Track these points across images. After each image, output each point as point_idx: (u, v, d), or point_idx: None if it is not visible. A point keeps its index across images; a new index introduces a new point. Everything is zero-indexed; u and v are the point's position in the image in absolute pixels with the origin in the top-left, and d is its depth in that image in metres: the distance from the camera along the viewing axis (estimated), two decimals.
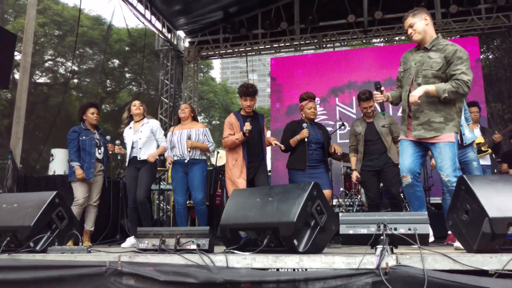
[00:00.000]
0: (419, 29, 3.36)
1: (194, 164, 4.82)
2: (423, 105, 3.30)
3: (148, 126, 5.06)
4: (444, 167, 3.24)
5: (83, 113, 5.12)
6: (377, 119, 4.94)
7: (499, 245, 2.29)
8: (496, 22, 8.88)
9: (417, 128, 3.35)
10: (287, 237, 2.49)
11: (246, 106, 4.63)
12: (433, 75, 3.26)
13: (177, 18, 9.89)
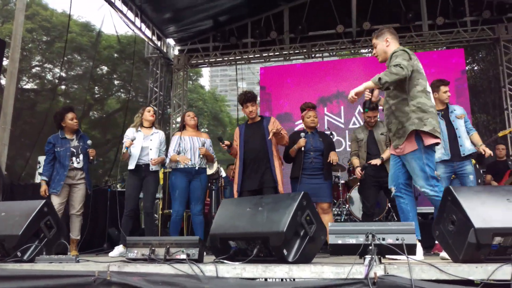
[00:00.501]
0: (379, 51, 3.49)
1: (200, 174, 4.84)
2: (390, 116, 3.40)
3: (158, 137, 5.04)
4: (416, 180, 3.31)
5: (61, 119, 4.94)
6: (376, 127, 5.04)
7: (484, 255, 2.33)
8: (481, 34, 9.08)
9: (392, 139, 3.45)
10: (277, 246, 2.50)
11: (249, 112, 4.66)
12: (393, 87, 3.33)
13: (167, 26, 9.92)
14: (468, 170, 4.59)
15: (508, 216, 2.34)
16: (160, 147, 5.04)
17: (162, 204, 6.47)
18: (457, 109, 4.76)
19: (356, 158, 5.14)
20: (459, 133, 4.61)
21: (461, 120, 4.68)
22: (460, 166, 4.60)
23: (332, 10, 9.41)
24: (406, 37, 9.35)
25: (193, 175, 4.81)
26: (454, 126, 4.64)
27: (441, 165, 4.63)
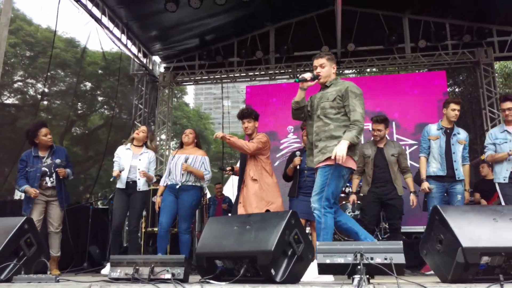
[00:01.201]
0: (326, 72, 3.59)
1: (186, 191, 4.76)
2: (321, 134, 3.51)
3: (147, 156, 4.99)
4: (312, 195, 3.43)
5: (34, 136, 4.73)
6: (387, 146, 5.06)
7: (472, 275, 2.33)
8: (462, 57, 9.31)
9: (316, 155, 3.52)
10: (264, 266, 2.46)
11: (244, 128, 4.66)
12: (330, 106, 3.49)
13: (153, 43, 9.93)
14: (458, 190, 4.67)
15: (495, 235, 2.36)
16: (149, 167, 4.98)
17: (145, 222, 6.36)
18: (461, 134, 4.83)
19: (357, 178, 5.15)
20: (456, 158, 4.69)
21: (461, 146, 4.76)
22: (452, 186, 4.70)
23: (317, 31, 9.55)
24: (390, 58, 9.53)
25: (178, 191, 4.76)
26: (452, 149, 4.72)
27: (434, 183, 4.69)
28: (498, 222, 2.45)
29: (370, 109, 8.89)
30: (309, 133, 3.70)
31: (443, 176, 4.69)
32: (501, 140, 4.57)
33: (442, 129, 4.81)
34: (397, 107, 9.00)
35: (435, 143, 4.79)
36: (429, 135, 4.86)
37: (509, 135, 4.54)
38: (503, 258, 2.34)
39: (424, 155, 4.86)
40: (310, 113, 3.70)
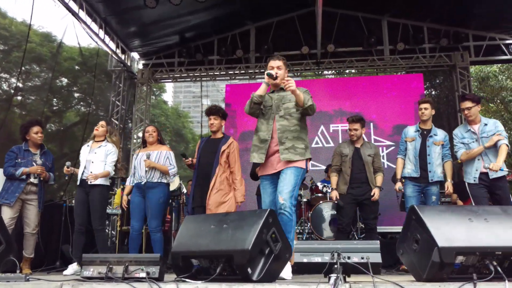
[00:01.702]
0: (282, 75, 3.70)
1: (152, 188, 4.68)
2: (287, 133, 3.60)
3: (104, 150, 4.85)
4: (284, 191, 3.44)
5: (26, 132, 4.79)
6: (364, 147, 5.11)
7: (447, 274, 2.35)
8: (439, 61, 9.47)
9: (284, 152, 3.56)
10: (241, 265, 2.43)
11: (209, 124, 4.72)
12: (293, 106, 3.66)
13: (132, 39, 9.77)
14: (432, 192, 4.75)
15: (470, 235, 2.39)
16: (106, 160, 4.82)
17: (120, 220, 6.25)
18: (438, 135, 4.89)
19: (335, 176, 5.17)
20: (430, 160, 4.76)
21: (437, 147, 4.81)
22: (427, 187, 4.78)
23: (297, 32, 9.57)
24: (368, 60, 9.62)
25: (144, 190, 4.67)
26: (428, 151, 4.79)
27: (410, 184, 4.76)
28: (473, 222, 2.48)
29: (349, 110, 8.97)
30: (259, 130, 3.74)
31: (418, 177, 4.77)
32: (468, 139, 4.51)
33: (419, 131, 4.89)
34: (375, 108, 9.09)
35: (411, 145, 4.88)
36: (406, 137, 4.95)
37: (474, 134, 4.49)
38: (477, 257, 2.37)
39: (401, 157, 4.97)
40: (264, 112, 3.75)
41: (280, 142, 3.60)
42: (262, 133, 3.71)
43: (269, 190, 3.66)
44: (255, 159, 3.71)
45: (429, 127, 4.90)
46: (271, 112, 3.71)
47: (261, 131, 3.73)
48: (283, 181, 3.50)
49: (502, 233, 2.43)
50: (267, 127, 3.69)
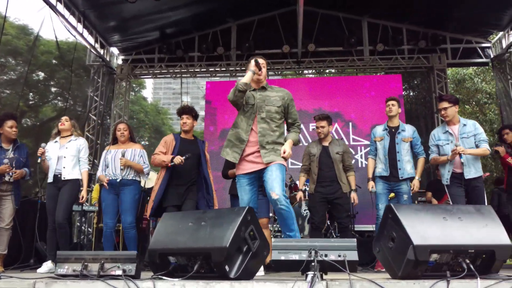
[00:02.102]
0: (264, 73, 3.72)
1: (126, 185, 4.65)
2: (267, 137, 3.58)
3: (75, 144, 4.82)
4: (276, 186, 3.41)
5: (0, 126, 4.68)
6: (332, 145, 5.11)
7: (421, 271, 2.39)
8: (417, 62, 9.62)
9: (266, 155, 3.53)
10: (218, 262, 2.43)
11: (182, 123, 4.67)
12: (275, 111, 3.65)
13: (111, 34, 9.62)
14: (403, 190, 4.78)
15: (444, 233, 2.44)
16: (80, 155, 4.81)
17: (97, 217, 6.17)
18: (406, 131, 4.89)
19: (304, 176, 5.19)
20: (400, 157, 4.79)
21: (406, 143, 4.85)
22: (397, 186, 4.79)
23: (279, 30, 9.58)
24: (348, 60, 9.71)
25: (118, 187, 4.63)
26: (397, 148, 4.82)
27: (380, 181, 4.81)
28: (447, 221, 2.53)
29: (328, 109, 9.04)
30: (238, 127, 3.66)
31: (388, 176, 4.82)
32: (443, 141, 4.55)
33: (387, 129, 4.95)
34: (354, 108, 9.19)
35: (380, 144, 4.93)
36: (375, 137, 5.01)
37: (450, 136, 4.52)
38: (451, 255, 2.42)
39: (371, 157, 5.02)
40: (245, 109, 3.68)
41: (261, 146, 3.55)
42: (241, 131, 3.63)
43: (247, 188, 3.59)
44: (229, 156, 3.64)
45: (396, 124, 4.94)
46: (252, 112, 3.65)
47: (240, 128, 3.65)
48: (271, 177, 3.44)
49: (475, 231, 2.49)
50: (246, 126, 3.62)
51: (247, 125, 3.63)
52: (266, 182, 3.47)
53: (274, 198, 3.37)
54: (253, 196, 3.59)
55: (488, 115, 14.59)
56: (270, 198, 3.42)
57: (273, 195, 3.37)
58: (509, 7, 8.36)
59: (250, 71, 3.59)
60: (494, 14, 8.71)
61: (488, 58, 9.75)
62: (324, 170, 5.01)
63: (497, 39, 9.63)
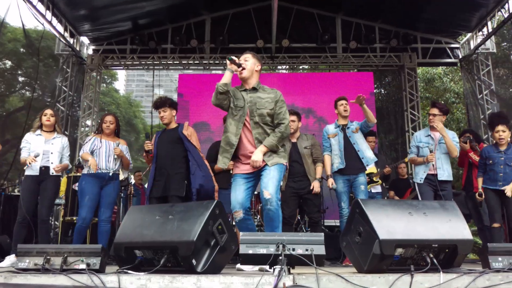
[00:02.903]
0: (249, 68, 3.59)
1: (113, 180, 4.63)
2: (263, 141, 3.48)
3: (60, 141, 4.74)
4: (270, 186, 3.35)
5: None
6: (300, 140, 5.15)
7: (386, 265, 2.43)
8: (388, 61, 9.77)
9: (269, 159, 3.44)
10: (185, 256, 2.40)
11: (160, 118, 4.63)
12: (268, 114, 3.51)
13: (81, 23, 9.37)
14: (361, 181, 4.89)
15: (409, 228, 2.48)
16: (63, 152, 4.74)
17: (64, 211, 6.02)
18: (354, 124, 5.09)
19: None
20: (358, 147, 4.91)
21: (357, 134, 4.99)
22: (355, 178, 4.90)
23: (253, 25, 9.56)
24: (322, 57, 9.77)
25: (106, 180, 4.58)
26: (352, 141, 4.96)
27: (339, 179, 4.88)
28: (413, 216, 2.58)
29: (301, 106, 9.09)
30: (228, 131, 3.56)
31: (344, 168, 4.88)
32: (424, 143, 4.87)
33: (339, 127, 5.08)
34: (326, 105, 9.26)
35: (334, 140, 5.02)
36: (328, 134, 5.09)
37: (431, 140, 4.84)
38: (415, 250, 2.47)
39: (327, 153, 5.06)
40: (234, 112, 3.56)
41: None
42: (230, 135, 3.53)
43: (243, 187, 3.49)
44: (219, 163, 3.54)
45: (346, 122, 5.09)
46: (242, 114, 3.52)
47: (229, 132, 3.54)
48: (267, 176, 3.38)
49: (439, 226, 2.54)
50: (236, 130, 3.52)
51: (236, 129, 3.52)
52: (262, 179, 3.42)
53: (266, 197, 3.30)
54: (247, 196, 3.49)
55: (456, 114, 14.98)
56: (262, 196, 3.35)
57: (266, 194, 3.31)
58: (478, 9, 8.59)
59: (227, 71, 3.49)
60: (463, 16, 8.93)
61: (457, 59, 10.01)
62: (294, 166, 5.04)
63: (465, 40, 9.89)
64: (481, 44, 9.26)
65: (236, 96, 3.60)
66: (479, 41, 9.26)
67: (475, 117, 9.51)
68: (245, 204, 3.46)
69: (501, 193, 4.63)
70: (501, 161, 4.68)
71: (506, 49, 15.54)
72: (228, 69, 3.50)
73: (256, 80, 3.63)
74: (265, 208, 3.34)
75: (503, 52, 15.24)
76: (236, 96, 3.60)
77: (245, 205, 3.47)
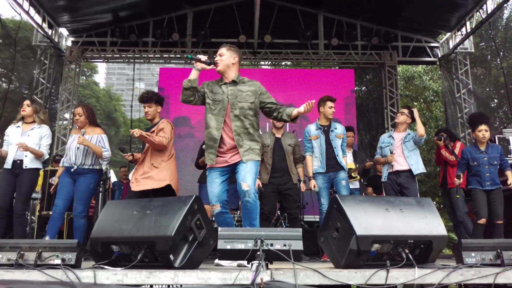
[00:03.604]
0: (225, 61, 3.57)
1: (81, 175, 4.49)
2: (242, 135, 3.51)
3: (38, 132, 4.63)
4: (248, 178, 3.38)
5: None
6: (284, 136, 5.16)
7: (363, 261, 2.46)
8: (369, 58, 9.88)
9: (245, 154, 3.47)
10: (163, 251, 2.39)
11: (144, 113, 4.54)
12: (248, 107, 3.54)
13: (60, 14, 9.18)
14: (342, 177, 4.93)
15: (386, 224, 2.51)
16: (41, 142, 4.63)
17: (40, 205, 5.91)
18: (338, 128, 5.07)
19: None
20: (337, 152, 4.95)
21: (339, 140, 5.02)
22: (335, 175, 4.93)
23: (236, 20, 9.52)
24: (304, 53, 9.80)
25: (74, 174, 4.49)
26: (333, 144, 4.96)
27: (319, 175, 4.91)
28: (389, 212, 2.61)
29: (282, 101, 9.09)
30: (209, 127, 3.55)
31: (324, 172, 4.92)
32: (385, 144, 5.21)
33: (321, 128, 5.03)
34: (307, 101, 9.29)
35: (316, 142, 5.00)
36: (310, 136, 5.05)
37: (392, 140, 5.17)
38: (391, 245, 2.50)
39: (309, 154, 5.03)
40: (212, 106, 3.56)
41: (238, 145, 3.48)
42: (212, 130, 3.52)
43: (218, 181, 3.50)
44: (206, 159, 3.55)
45: (328, 123, 5.07)
46: (222, 108, 3.52)
47: (211, 127, 3.53)
48: (245, 169, 3.39)
49: (414, 222, 2.58)
50: (217, 124, 3.51)
51: (217, 123, 3.51)
52: (239, 173, 3.42)
53: (245, 189, 3.32)
54: (223, 189, 3.49)
55: (434, 112, 15.22)
56: (240, 188, 3.36)
57: (244, 186, 3.32)
58: (457, 9, 8.73)
59: (193, 69, 3.47)
60: (443, 16, 9.07)
61: (436, 58, 10.17)
62: (276, 161, 5.05)
63: (444, 39, 10.05)
64: (460, 43, 9.42)
65: (213, 91, 3.59)
66: (458, 41, 9.43)
67: (453, 115, 9.69)
68: (222, 197, 3.48)
69: (488, 192, 4.74)
70: (485, 162, 4.78)
71: (484, 49, 15.84)
72: (194, 67, 3.48)
73: (235, 73, 3.62)
74: (243, 200, 3.36)
75: (481, 52, 15.53)
76: (213, 90, 3.59)
77: (222, 198, 3.48)
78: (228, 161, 3.50)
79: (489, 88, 16.01)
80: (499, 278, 2.30)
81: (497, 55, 14.44)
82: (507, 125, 7.45)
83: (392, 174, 5.06)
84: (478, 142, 4.88)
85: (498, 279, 2.29)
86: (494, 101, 16.04)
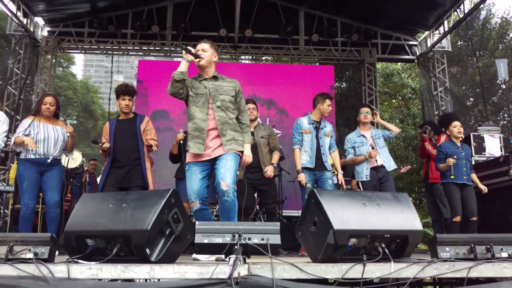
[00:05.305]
0: (208, 57, 3.62)
1: (54, 165, 4.39)
2: (226, 125, 3.56)
3: None
4: (227, 177, 3.38)
5: None
6: (257, 129, 5.13)
7: (340, 255, 2.47)
8: (349, 55, 9.94)
9: (227, 144, 3.52)
10: (139, 245, 2.35)
11: (124, 105, 4.47)
12: (229, 100, 3.63)
13: (35, 2, 8.94)
14: (328, 176, 4.96)
15: (363, 219, 2.52)
16: None
17: (13, 198, 5.78)
18: (327, 127, 5.11)
19: None
20: (324, 150, 4.98)
21: (328, 138, 5.05)
22: (321, 174, 4.97)
23: (216, 13, 9.43)
24: (284, 49, 9.80)
25: (46, 166, 4.35)
26: (321, 143, 4.98)
27: (306, 173, 4.91)
28: (367, 207, 2.63)
29: (262, 96, 9.10)
30: (194, 118, 3.56)
31: (313, 168, 4.94)
32: (359, 143, 5.19)
33: (313, 124, 5.04)
34: (287, 96, 9.32)
35: (307, 137, 5.00)
36: (302, 129, 5.03)
37: (364, 138, 5.19)
38: (368, 240, 2.52)
39: (298, 147, 5.00)
40: (195, 99, 3.58)
41: (221, 134, 3.51)
42: (198, 121, 3.53)
43: (198, 176, 3.47)
44: (192, 149, 3.51)
45: (319, 120, 5.09)
46: (205, 100, 3.56)
47: (196, 118, 3.55)
48: (224, 167, 3.38)
49: (391, 217, 2.60)
50: (203, 115, 3.54)
51: (203, 114, 3.55)
52: (218, 170, 3.40)
53: (223, 189, 3.31)
54: (203, 186, 3.48)
55: (412, 110, 15.45)
56: (219, 187, 3.33)
57: (223, 186, 3.31)
58: (435, 8, 8.86)
59: (183, 60, 3.49)
60: (421, 14, 9.19)
61: (414, 55, 10.31)
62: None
63: (423, 38, 10.19)
64: (437, 42, 9.57)
65: (194, 86, 3.62)
66: (436, 40, 9.57)
67: (430, 112, 9.84)
68: (202, 194, 3.46)
69: (462, 188, 4.83)
70: (463, 157, 4.89)
71: (461, 48, 16.15)
72: (184, 58, 3.50)
73: (214, 69, 3.70)
74: (222, 199, 3.35)
75: (458, 51, 15.83)
76: (194, 85, 3.62)
77: (202, 195, 3.47)
78: (211, 155, 3.50)
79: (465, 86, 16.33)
80: (472, 272, 2.34)
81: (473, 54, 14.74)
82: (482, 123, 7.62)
83: (372, 170, 5.05)
84: (453, 137, 4.97)
85: (471, 273, 2.34)
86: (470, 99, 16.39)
